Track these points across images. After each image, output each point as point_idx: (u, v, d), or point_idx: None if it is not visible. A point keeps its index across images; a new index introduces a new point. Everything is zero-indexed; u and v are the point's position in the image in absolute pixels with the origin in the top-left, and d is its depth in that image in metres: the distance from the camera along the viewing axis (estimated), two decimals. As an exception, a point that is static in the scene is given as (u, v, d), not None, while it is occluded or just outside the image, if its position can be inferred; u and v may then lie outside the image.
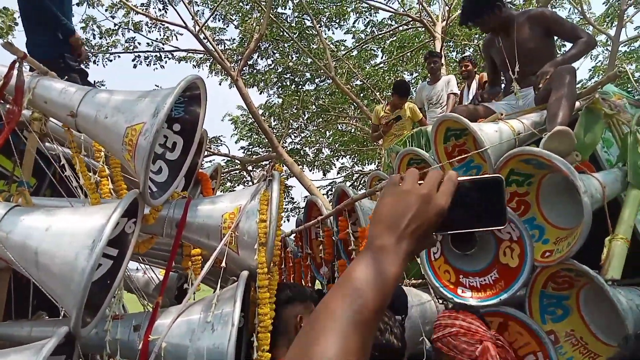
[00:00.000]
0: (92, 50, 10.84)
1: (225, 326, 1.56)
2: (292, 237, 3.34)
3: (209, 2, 11.49)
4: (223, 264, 1.75)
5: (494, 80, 3.36)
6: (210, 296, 1.71)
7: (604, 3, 10.88)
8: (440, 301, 2.19)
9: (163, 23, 10.94)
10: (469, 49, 11.59)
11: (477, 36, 11.10)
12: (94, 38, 11.04)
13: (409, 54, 12.25)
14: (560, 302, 2.10)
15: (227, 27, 12.27)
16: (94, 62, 11.08)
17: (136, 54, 11.44)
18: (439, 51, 7.96)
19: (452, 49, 12.05)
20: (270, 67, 12.93)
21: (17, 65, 1.71)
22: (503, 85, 3.25)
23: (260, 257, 1.74)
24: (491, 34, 3.13)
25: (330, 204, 3.16)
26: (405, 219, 0.64)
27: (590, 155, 2.30)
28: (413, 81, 12.26)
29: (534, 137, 2.40)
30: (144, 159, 1.55)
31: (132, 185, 2.06)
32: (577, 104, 2.42)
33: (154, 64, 11.70)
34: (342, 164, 14.70)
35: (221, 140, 12.44)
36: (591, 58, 12.52)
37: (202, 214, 1.89)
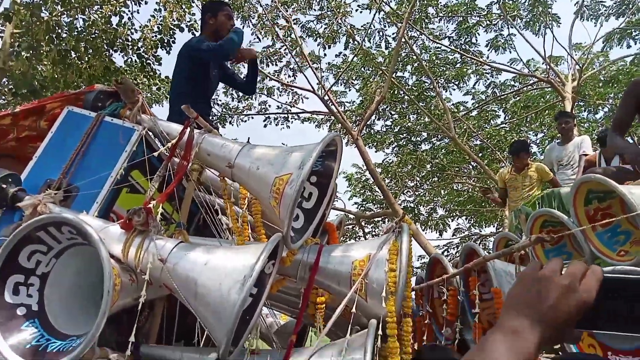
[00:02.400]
0: (229, 112, 12.18)
1: (354, 373, 1.59)
2: (412, 294, 3.29)
3: (333, 68, 12.35)
4: (353, 310, 1.80)
5: (623, 129, 2.99)
6: (340, 341, 1.76)
7: None
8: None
9: (293, 88, 11.95)
10: (602, 108, 10.77)
11: (611, 95, 10.31)
12: (232, 101, 12.43)
13: (533, 114, 11.72)
14: None
15: (348, 90, 13.00)
16: (230, 122, 12.41)
17: (267, 116, 12.58)
18: (569, 111, 7.52)
19: (583, 108, 11.28)
20: (388, 127, 13.26)
21: (190, 124, 2.03)
22: None
23: (389, 305, 1.76)
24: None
25: (451, 265, 3.08)
26: (544, 306, 0.62)
27: None
28: (539, 141, 11.63)
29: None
30: (289, 205, 1.71)
31: (268, 231, 2.25)
32: None
33: (281, 124, 12.73)
34: (457, 224, 14.16)
35: (337, 196, 12.81)
36: None
37: (333, 260, 1.99)
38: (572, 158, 5.41)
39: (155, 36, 7.95)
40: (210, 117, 3.72)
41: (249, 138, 2.06)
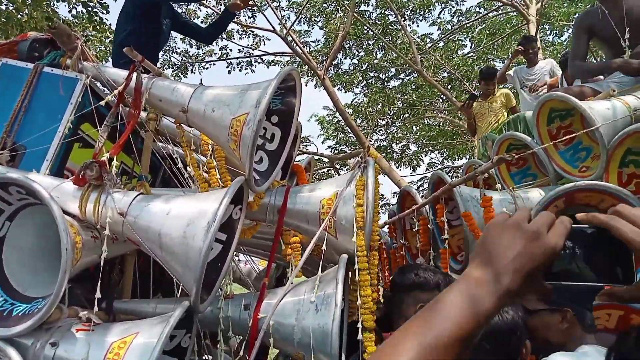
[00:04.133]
0: (190, 61, 11.68)
1: (328, 307, 1.61)
2: (385, 228, 3.34)
3: (294, 6, 11.83)
4: (323, 247, 1.80)
5: (582, 58, 3.04)
6: (313, 278, 1.77)
7: None
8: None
9: (252, 29, 11.47)
10: (567, 30, 10.73)
11: (576, 15, 10.23)
12: (192, 47, 11.89)
13: (500, 41, 11.64)
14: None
15: (312, 29, 12.58)
16: (191, 70, 11.93)
17: (229, 61, 12.12)
18: (534, 35, 7.46)
19: (548, 31, 11.23)
20: (355, 65, 13.01)
21: (136, 68, 1.90)
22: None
23: (359, 240, 1.76)
24: (593, 6, 2.87)
25: (422, 197, 3.11)
26: (509, 254, 0.60)
27: None
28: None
29: (654, 113, 2.17)
30: (249, 147, 1.65)
31: (235, 176, 2.20)
32: None
33: (245, 69, 12.31)
34: (430, 159, 14.37)
35: (309, 140, 12.74)
36: None
37: (301, 201, 1.97)
38: (540, 81, 5.44)
39: (100, -18, 7.39)
40: (161, 67, 3.52)
41: (201, 80, 1.96)
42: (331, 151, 13.94)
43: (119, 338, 1.48)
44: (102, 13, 7.73)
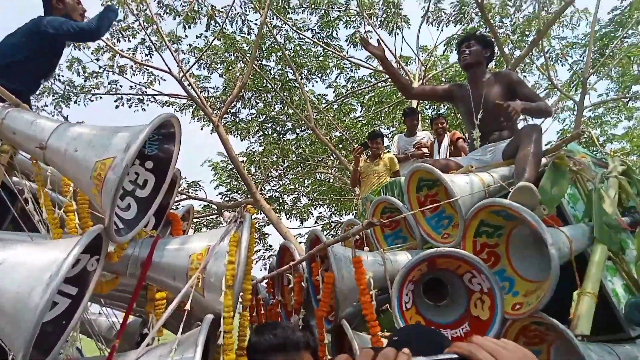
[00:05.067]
0: (74, 91, 10.87)
1: (184, 373, 1.48)
2: (264, 283, 3.27)
3: (195, 51, 11.78)
4: (187, 307, 1.68)
5: (424, 89, 3.50)
6: (171, 341, 1.63)
7: (568, 70, 11.59)
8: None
9: (148, 67, 11.11)
10: (444, 107, 12.05)
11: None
12: (79, 77, 11.11)
13: (386, 109, 12.65)
14: (531, 357, 2.07)
15: (211, 74, 12.54)
16: (75, 102, 11.08)
17: (119, 96, 11.51)
18: (415, 107, 8.25)
19: (427, 106, 12.50)
20: (253, 115, 13.16)
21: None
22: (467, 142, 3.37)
23: (226, 300, 1.68)
24: (459, 85, 3.29)
25: (305, 250, 3.13)
26: None
27: (558, 210, 2.37)
28: (390, 135, 12.61)
29: (503, 191, 2.46)
30: (112, 192, 1.52)
31: (100, 223, 2.01)
32: (544, 160, 2.51)
33: (135, 106, 11.77)
34: (319, 213, 14.72)
35: (199, 185, 12.36)
36: (558, 121, 13.17)
37: (169, 254, 1.84)
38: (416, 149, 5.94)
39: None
40: (39, 94, 3.23)
41: (67, 116, 1.81)
42: (222, 198, 13.63)
43: None
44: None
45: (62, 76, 10.87)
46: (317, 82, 12.79)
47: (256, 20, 11.34)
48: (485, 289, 2.07)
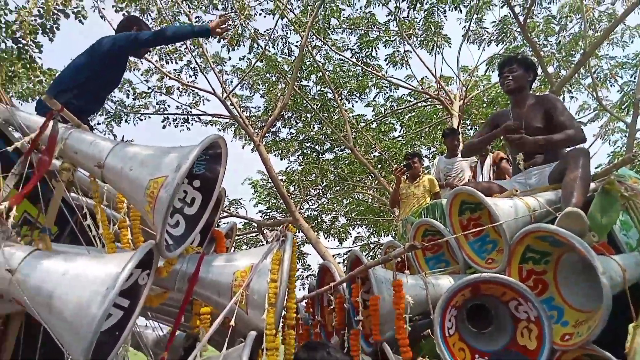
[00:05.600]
0: (124, 110, 11.42)
1: (228, 388, 1.51)
2: (303, 303, 3.28)
3: (238, 72, 12.15)
4: (232, 323, 1.72)
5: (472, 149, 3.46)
6: (216, 356, 1.67)
7: (618, 91, 11.14)
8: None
9: (193, 89, 11.53)
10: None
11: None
12: (127, 98, 11.67)
13: (426, 129, 12.54)
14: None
15: (253, 95, 12.87)
16: (126, 120, 11.62)
17: (165, 116, 11.98)
18: (456, 127, 8.15)
19: (469, 127, 12.31)
20: (293, 135, 13.34)
21: (53, 116, 1.82)
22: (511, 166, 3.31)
23: (269, 317, 1.71)
24: (499, 114, 3.24)
25: (345, 272, 3.13)
26: None
27: (609, 237, 2.28)
28: (430, 155, 12.46)
29: (550, 216, 2.39)
30: (163, 210, 1.59)
31: (150, 238, 2.10)
32: (593, 185, 2.43)
33: (181, 126, 12.21)
34: (358, 233, 14.63)
35: (240, 203, 12.57)
36: (609, 144, 12.61)
37: (214, 270, 1.90)
38: (459, 171, 5.84)
39: (36, 20, 7.16)
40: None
41: (123, 136, 1.91)
42: (262, 216, 13.81)
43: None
44: (34, 51, 7.45)
45: (114, 96, 11.45)
46: (356, 101, 12.87)
47: (297, 42, 11.62)
48: (532, 318, 2.01)
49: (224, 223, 2.95)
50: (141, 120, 11.94)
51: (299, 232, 9.64)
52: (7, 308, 1.83)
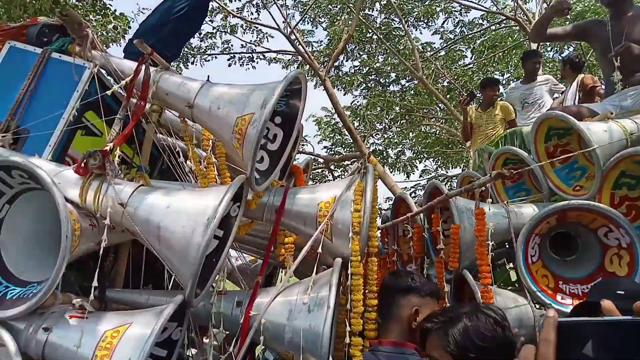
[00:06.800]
0: (192, 52, 11.66)
1: (321, 309, 1.63)
2: (378, 233, 3.36)
3: (299, 5, 11.85)
4: (319, 250, 1.83)
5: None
6: (307, 280, 1.79)
7: None
8: (538, 306, 2.10)
9: (257, 25, 11.47)
10: (568, 47, 10.84)
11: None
12: (194, 39, 11.85)
13: (500, 54, 11.72)
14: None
15: (315, 28, 12.59)
16: (192, 62, 11.91)
17: (231, 55, 12.11)
18: (537, 49, 7.52)
19: (549, 47, 11.34)
20: (357, 68, 13.03)
21: (145, 61, 1.91)
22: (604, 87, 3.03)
23: (354, 245, 1.79)
24: (598, 21, 2.92)
25: (416, 204, 3.14)
26: None
27: None
28: (505, 82, 11.72)
29: (649, 139, 2.22)
30: (252, 146, 1.67)
31: (234, 173, 2.22)
32: (703, 103, 2.20)
33: (246, 64, 12.32)
34: (425, 166, 14.43)
35: (306, 140, 12.74)
36: None
37: (299, 202, 1.99)
38: (539, 96, 5.46)
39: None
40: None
41: (208, 76, 1.96)
42: (327, 152, 13.96)
43: (113, 327, 1.50)
44: (106, -1, 7.69)
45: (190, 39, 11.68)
46: (424, 28, 12.20)
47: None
48: (624, 245, 1.94)
49: (295, 159, 3.02)
50: (207, 61, 12.18)
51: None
52: (119, 238, 2.04)
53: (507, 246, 2.48)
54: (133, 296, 1.88)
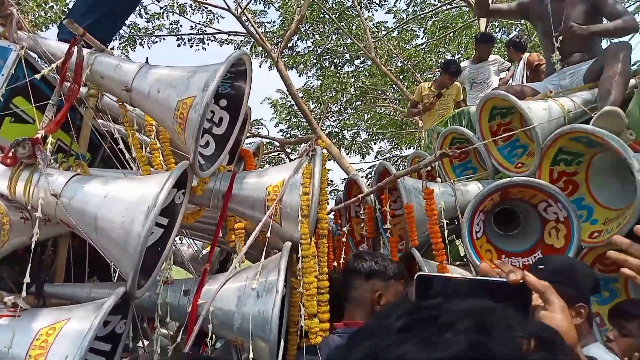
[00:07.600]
0: (138, 34, 11.16)
1: (269, 293, 1.62)
2: (331, 215, 3.38)
3: (250, -16, 11.53)
4: (268, 235, 1.80)
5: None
6: (256, 265, 1.77)
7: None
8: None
9: (206, 6, 11.09)
10: (516, 29, 11.16)
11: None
12: (140, 18, 11.35)
13: (451, 35, 11.91)
14: (607, 285, 2.05)
15: (268, 9, 12.31)
16: (140, 44, 11.40)
17: (180, 37, 11.68)
18: (491, 34, 7.64)
19: (497, 28, 11.63)
20: (310, 49, 12.90)
21: (77, 42, 1.79)
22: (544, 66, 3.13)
23: (303, 228, 1.78)
24: (539, 1, 2.99)
25: (368, 185, 3.17)
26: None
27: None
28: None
29: (585, 116, 2.32)
30: (194, 131, 1.61)
31: (180, 159, 2.14)
32: (633, 81, 2.31)
33: (196, 46, 11.92)
34: (380, 147, 14.59)
35: (261, 123, 12.57)
36: (649, 37, 11.79)
37: (247, 187, 1.95)
38: (487, 76, 5.59)
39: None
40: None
41: (147, 58, 1.87)
42: (283, 135, 13.83)
43: (48, 324, 1.42)
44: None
45: (127, 20, 11.13)
46: (376, 10, 12.20)
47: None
48: (561, 218, 2.03)
49: (247, 144, 2.97)
50: (155, 43, 11.70)
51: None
52: (55, 230, 1.94)
53: (456, 223, 2.55)
54: (73, 290, 1.80)
